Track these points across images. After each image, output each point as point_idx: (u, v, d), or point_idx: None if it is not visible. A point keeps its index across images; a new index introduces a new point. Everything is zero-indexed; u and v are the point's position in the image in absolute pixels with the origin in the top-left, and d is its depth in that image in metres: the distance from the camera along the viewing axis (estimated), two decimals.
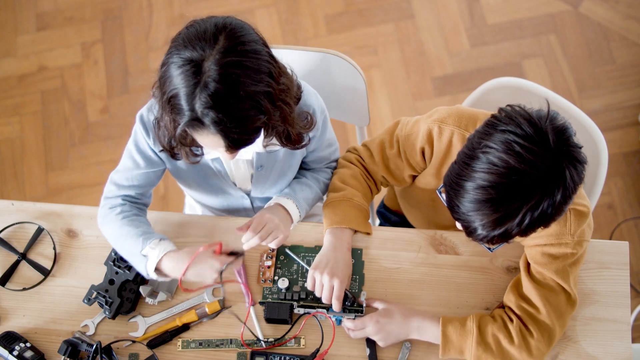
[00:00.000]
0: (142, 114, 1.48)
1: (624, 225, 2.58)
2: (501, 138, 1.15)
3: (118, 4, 2.96)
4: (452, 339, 1.45)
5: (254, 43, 1.27)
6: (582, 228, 1.41)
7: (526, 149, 1.13)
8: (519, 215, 1.16)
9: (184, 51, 1.26)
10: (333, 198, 1.60)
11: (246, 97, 1.24)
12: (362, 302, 1.53)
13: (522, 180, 1.14)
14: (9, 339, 1.51)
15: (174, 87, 1.25)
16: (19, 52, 2.89)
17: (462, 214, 1.21)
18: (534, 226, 1.19)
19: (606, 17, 2.87)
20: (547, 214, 1.17)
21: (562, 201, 1.16)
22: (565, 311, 1.45)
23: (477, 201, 1.17)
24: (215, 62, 1.22)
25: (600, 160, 1.73)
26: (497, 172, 1.15)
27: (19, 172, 2.72)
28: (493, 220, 1.18)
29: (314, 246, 1.60)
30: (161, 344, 1.53)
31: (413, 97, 2.77)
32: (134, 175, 1.53)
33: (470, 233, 1.23)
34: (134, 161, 1.52)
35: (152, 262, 1.46)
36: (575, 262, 1.44)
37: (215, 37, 1.25)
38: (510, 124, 1.16)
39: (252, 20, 1.34)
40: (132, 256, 1.50)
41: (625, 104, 2.74)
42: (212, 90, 1.22)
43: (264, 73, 1.26)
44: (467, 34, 2.86)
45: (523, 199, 1.15)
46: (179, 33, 1.31)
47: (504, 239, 1.22)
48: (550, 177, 1.14)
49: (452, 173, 1.23)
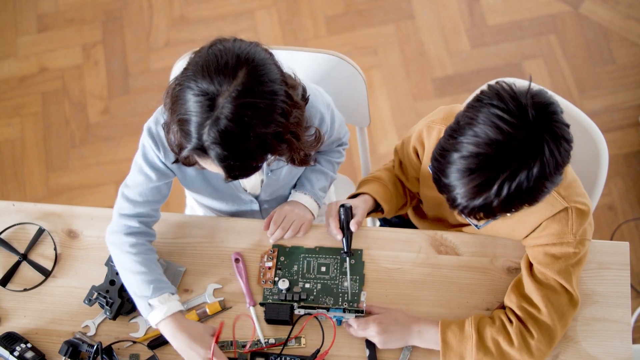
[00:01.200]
0: (149, 127, 1.46)
1: (625, 226, 2.58)
2: (485, 112, 1.19)
3: (118, 5, 2.96)
4: (452, 345, 1.46)
5: (272, 83, 1.26)
6: (583, 227, 1.42)
7: (506, 122, 1.17)
8: (496, 184, 1.19)
9: (201, 80, 1.24)
10: (363, 179, 1.67)
11: (255, 138, 1.24)
12: (362, 304, 1.53)
13: (500, 151, 1.17)
14: (9, 339, 1.52)
15: (186, 112, 1.25)
16: (19, 53, 2.89)
17: (444, 185, 1.25)
18: (514, 200, 1.21)
19: (606, 18, 2.87)
20: (526, 188, 1.19)
21: (539, 176, 1.18)
22: (567, 311, 1.45)
23: (458, 171, 1.21)
24: (230, 100, 1.21)
25: (600, 161, 1.73)
26: (478, 143, 1.18)
27: (20, 172, 2.72)
28: (471, 189, 1.21)
29: (314, 247, 1.61)
30: (162, 344, 1.53)
31: (413, 98, 2.77)
32: (146, 190, 1.51)
33: (452, 203, 1.26)
34: (146, 175, 1.50)
35: (156, 316, 1.47)
36: (577, 262, 1.44)
37: (234, 72, 1.23)
38: (495, 99, 1.20)
39: (252, 21, 1.34)
40: (136, 296, 1.49)
41: (626, 105, 2.74)
42: (222, 128, 1.22)
43: (277, 113, 1.26)
44: (468, 34, 2.87)
45: (499, 169, 1.18)
46: (200, 54, 1.28)
47: (486, 212, 1.24)
48: (528, 150, 1.17)
49: (438, 146, 1.27)
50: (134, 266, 1.49)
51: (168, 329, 1.47)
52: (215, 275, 1.59)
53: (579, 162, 1.61)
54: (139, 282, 1.48)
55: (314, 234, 1.62)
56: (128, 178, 1.53)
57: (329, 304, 1.55)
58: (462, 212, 1.26)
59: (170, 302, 1.48)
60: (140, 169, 1.50)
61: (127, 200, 1.52)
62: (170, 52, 2.85)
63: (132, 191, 1.51)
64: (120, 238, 1.51)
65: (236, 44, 1.28)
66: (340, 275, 1.58)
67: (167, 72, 1.84)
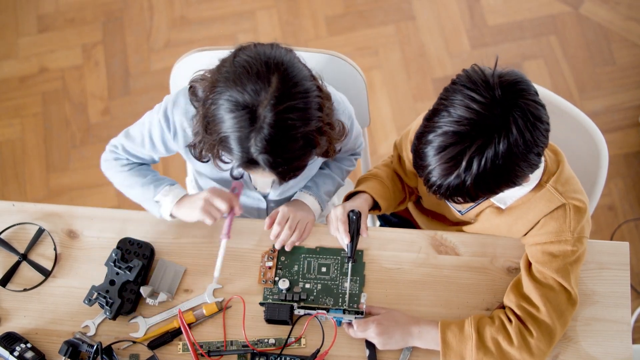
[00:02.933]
0: (167, 107, 1.49)
1: (625, 226, 2.58)
2: (459, 94, 1.23)
3: (119, 5, 2.96)
4: (452, 345, 1.46)
5: (304, 81, 1.28)
6: (581, 224, 1.42)
7: (475, 101, 1.21)
8: (464, 160, 1.21)
9: (235, 93, 1.24)
10: (361, 177, 1.67)
11: (301, 138, 1.27)
12: (362, 306, 1.53)
13: (470, 128, 1.21)
14: (9, 339, 1.52)
15: (226, 130, 1.26)
16: (20, 54, 2.90)
17: (420, 166, 1.29)
18: (487, 179, 1.23)
19: (607, 18, 2.87)
20: (497, 166, 1.21)
21: (508, 153, 1.20)
22: (565, 310, 1.45)
23: (432, 148, 1.24)
24: (270, 109, 1.23)
25: (600, 161, 1.73)
26: (449, 122, 1.22)
27: (20, 173, 2.72)
28: (443, 166, 1.24)
29: (315, 247, 1.61)
30: (162, 344, 1.53)
31: (413, 98, 2.77)
32: (141, 152, 1.58)
33: (428, 183, 1.29)
34: (142, 140, 1.55)
35: (167, 208, 1.55)
36: (576, 260, 1.44)
37: (268, 79, 1.24)
38: (466, 81, 1.24)
39: (252, 21, 1.35)
40: (144, 202, 1.58)
41: (626, 105, 2.74)
42: (267, 136, 1.24)
43: (314, 109, 1.29)
44: (468, 35, 2.87)
45: (466, 144, 1.21)
46: (225, 67, 1.28)
47: (461, 193, 1.26)
48: (494, 126, 1.20)
49: (418, 130, 1.30)
50: (130, 179, 1.58)
51: (182, 211, 1.54)
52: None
53: (579, 162, 1.61)
54: (139, 190, 1.57)
55: (314, 234, 1.62)
56: (134, 128, 1.58)
57: (329, 305, 1.55)
58: (438, 192, 1.29)
59: (173, 191, 1.55)
60: (141, 131, 1.55)
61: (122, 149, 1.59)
62: (170, 52, 2.85)
63: (130, 142, 1.57)
64: (112, 162, 1.61)
65: (259, 49, 1.29)
66: (341, 275, 1.58)
67: (167, 72, 1.84)
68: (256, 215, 1.74)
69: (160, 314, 1.56)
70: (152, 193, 1.55)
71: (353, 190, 1.66)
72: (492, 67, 1.25)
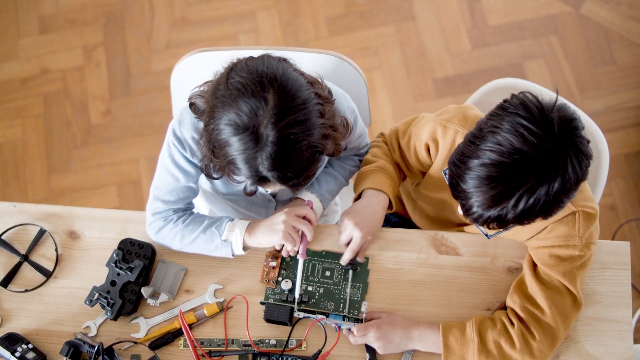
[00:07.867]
0: (174, 128, 1.47)
1: (626, 226, 2.58)
2: (509, 120, 1.17)
3: (120, 6, 2.97)
4: (454, 349, 1.45)
5: (300, 92, 1.26)
6: (590, 230, 1.41)
7: (531, 132, 1.15)
8: (515, 196, 1.17)
9: (234, 117, 1.24)
10: (367, 169, 1.62)
11: (305, 149, 1.27)
12: (362, 315, 1.52)
13: (522, 161, 1.15)
14: (11, 340, 1.52)
15: (233, 153, 1.26)
16: (21, 55, 2.90)
17: (461, 191, 1.23)
18: (530, 213, 1.20)
19: (607, 18, 2.87)
20: (544, 202, 1.18)
21: (559, 191, 1.17)
22: (570, 313, 1.45)
23: (477, 177, 1.19)
24: (272, 127, 1.22)
25: (601, 161, 1.73)
26: (500, 151, 1.16)
27: (21, 174, 2.73)
28: (489, 198, 1.19)
29: (321, 250, 1.61)
30: (163, 345, 1.53)
31: (414, 99, 2.77)
32: (177, 190, 1.53)
33: (467, 211, 1.25)
34: (173, 176, 1.51)
35: (238, 242, 1.51)
36: (582, 264, 1.43)
37: (264, 97, 1.23)
38: (520, 108, 1.18)
39: (253, 22, 1.34)
40: (213, 251, 1.53)
41: (627, 105, 2.74)
42: (273, 154, 1.24)
43: (315, 117, 1.28)
44: (468, 35, 2.87)
45: (520, 180, 1.16)
46: (220, 91, 1.27)
47: (499, 222, 1.23)
48: (550, 163, 1.15)
49: (457, 151, 1.25)
50: (188, 233, 1.53)
51: (258, 239, 1.51)
52: (217, 276, 1.59)
53: None
54: (202, 238, 1.52)
55: (322, 237, 1.62)
56: (156, 178, 1.54)
57: (330, 309, 1.55)
58: (476, 220, 1.25)
59: (236, 224, 1.52)
60: (167, 169, 1.51)
61: (159, 201, 1.54)
62: (171, 53, 2.85)
63: (162, 191, 1.53)
64: (162, 225, 1.55)
65: (250, 67, 1.27)
66: (344, 281, 1.58)
67: (168, 73, 1.84)
68: (264, 214, 1.74)
69: (162, 315, 1.57)
70: (216, 235, 1.51)
71: (367, 187, 1.59)
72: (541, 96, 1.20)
